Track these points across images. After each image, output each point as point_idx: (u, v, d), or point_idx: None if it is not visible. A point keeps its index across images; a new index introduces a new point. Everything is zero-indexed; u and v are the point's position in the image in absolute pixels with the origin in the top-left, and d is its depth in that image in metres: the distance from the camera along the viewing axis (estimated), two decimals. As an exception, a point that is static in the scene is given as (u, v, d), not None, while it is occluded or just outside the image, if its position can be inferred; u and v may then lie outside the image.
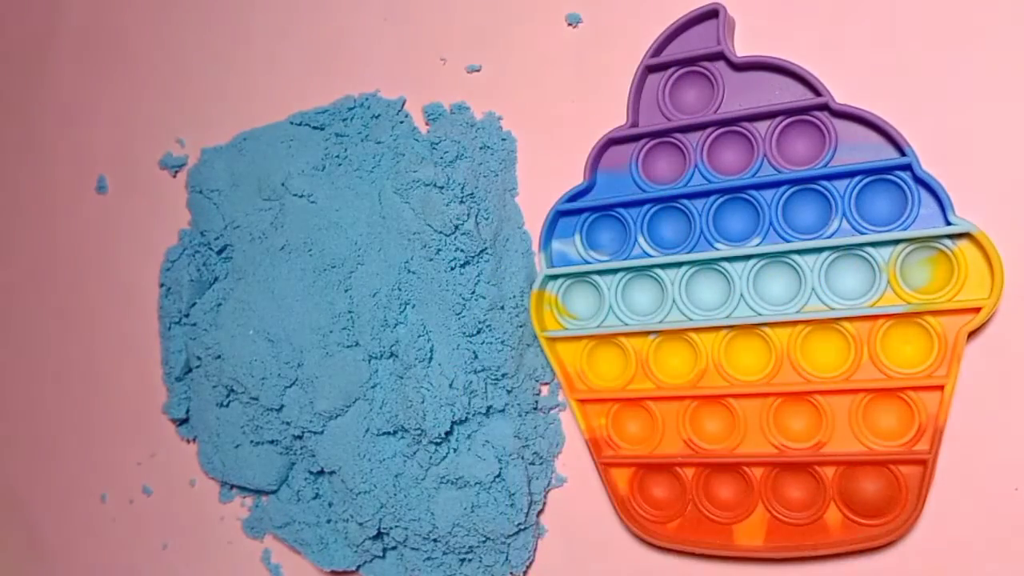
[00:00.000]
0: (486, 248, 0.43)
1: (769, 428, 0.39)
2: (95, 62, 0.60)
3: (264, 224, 0.49)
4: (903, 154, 0.37)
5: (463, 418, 0.43)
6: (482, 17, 0.47)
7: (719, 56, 0.40)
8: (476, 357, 0.43)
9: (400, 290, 0.44)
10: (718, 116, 0.40)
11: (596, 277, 0.42)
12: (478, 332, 0.43)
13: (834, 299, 0.38)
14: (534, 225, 0.45)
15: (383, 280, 0.44)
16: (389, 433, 0.45)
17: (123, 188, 0.58)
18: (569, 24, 0.45)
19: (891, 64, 0.39)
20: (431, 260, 0.43)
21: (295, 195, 0.47)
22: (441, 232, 0.43)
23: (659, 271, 0.41)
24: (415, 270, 0.44)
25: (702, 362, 0.41)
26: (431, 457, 0.44)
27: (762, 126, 0.39)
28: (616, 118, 0.42)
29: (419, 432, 0.43)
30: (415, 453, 0.44)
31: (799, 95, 0.39)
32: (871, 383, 0.38)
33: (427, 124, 0.47)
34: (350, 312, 0.45)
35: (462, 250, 0.43)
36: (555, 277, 0.43)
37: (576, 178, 0.43)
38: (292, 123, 0.50)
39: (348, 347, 0.45)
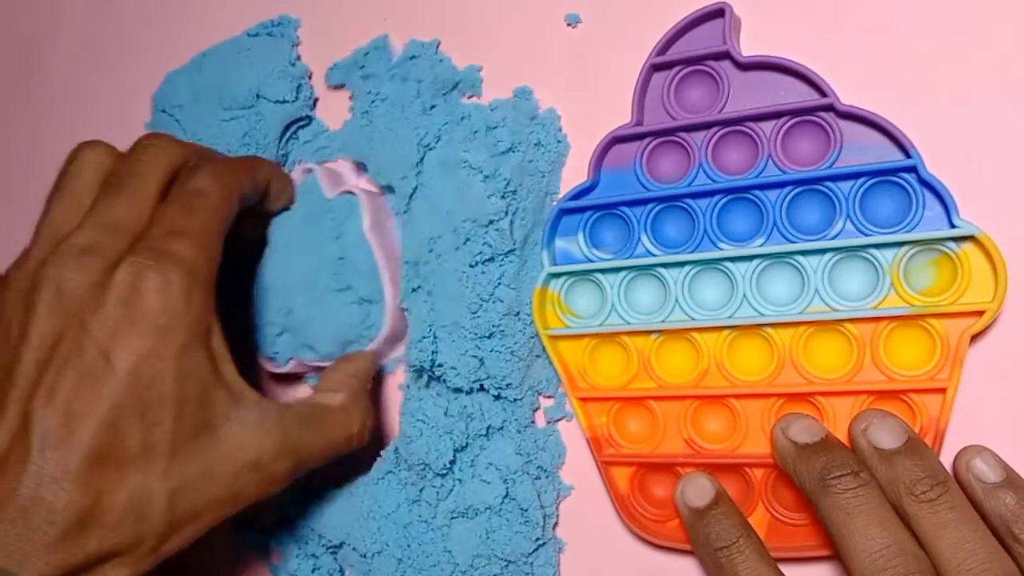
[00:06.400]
0: (514, 249, 0.43)
1: (771, 429, 0.39)
2: (95, 62, 0.60)
3: (233, 137, 0.49)
4: (908, 156, 0.37)
5: (464, 444, 0.43)
6: (483, 16, 0.47)
7: (725, 55, 0.39)
8: (482, 364, 0.43)
9: (417, 267, 0.43)
10: (723, 116, 0.40)
11: (599, 275, 0.42)
12: (489, 336, 0.43)
13: (837, 300, 0.38)
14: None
15: (408, 251, 0.44)
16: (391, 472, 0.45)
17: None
18: (568, 24, 0.44)
19: (897, 66, 0.38)
20: (457, 249, 0.42)
21: (275, 101, 0.48)
22: (475, 222, 0.42)
23: (662, 270, 0.41)
24: (440, 252, 0.43)
25: (704, 362, 0.41)
26: (438, 492, 0.43)
27: (767, 126, 0.39)
28: (620, 117, 0.42)
29: (423, 467, 0.43)
30: (421, 491, 0.44)
31: (805, 95, 0.38)
32: (873, 385, 0.38)
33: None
34: (341, 258, 0.45)
35: (490, 245, 0.42)
36: (557, 275, 0.43)
37: (580, 176, 0.43)
38: (249, 35, 0.51)
39: (339, 291, 0.45)
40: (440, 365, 0.43)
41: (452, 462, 0.43)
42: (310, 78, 0.50)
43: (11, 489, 0.32)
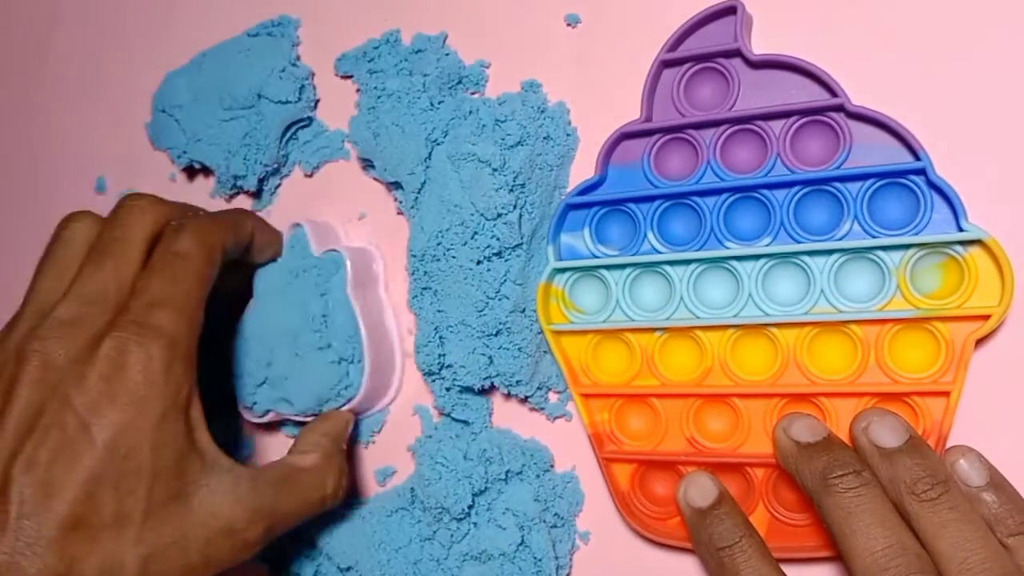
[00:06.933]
0: (521, 243, 0.42)
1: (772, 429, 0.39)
2: (95, 62, 0.59)
3: (233, 137, 0.49)
4: (917, 158, 0.37)
5: (482, 488, 0.43)
6: (487, 13, 0.47)
7: (736, 53, 0.39)
8: (492, 362, 0.43)
9: (424, 262, 0.43)
10: (733, 114, 0.40)
11: (604, 272, 0.42)
12: (496, 334, 0.42)
13: (843, 302, 0.38)
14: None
15: (415, 243, 0.44)
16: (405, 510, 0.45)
17: (122, 189, 0.57)
18: (568, 24, 0.45)
19: (908, 68, 0.38)
20: (465, 243, 0.42)
21: (277, 101, 0.48)
22: (483, 215, 0.42)
23: (667, 268, 0.41)
24: (448, 246, 0.42)
25: (708, 360, 0.40)
26: (452, 535, 0.43)
27: (776, 125, 0.39)
28: (629, 113, 0.42)
29: (440, 510, 0.43)
30: (435, 532, 0.44)
31: (815, 95, 0.38)
32: (877, 387, 0.38)
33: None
34: (324, 316, 0.46)
35: (498, 238, 0.42)
36: (562, 271, 0.43)
37: (587, 171, 0.43)
38: (249, 35, 0.51)
39: (320, 349, 0.45)
40: (449, 366, 0.43)
41: (470, 506, 0.43)
42: (312, 78, 0.50)
43: None
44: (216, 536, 0.37)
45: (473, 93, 0.46)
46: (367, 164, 0.48)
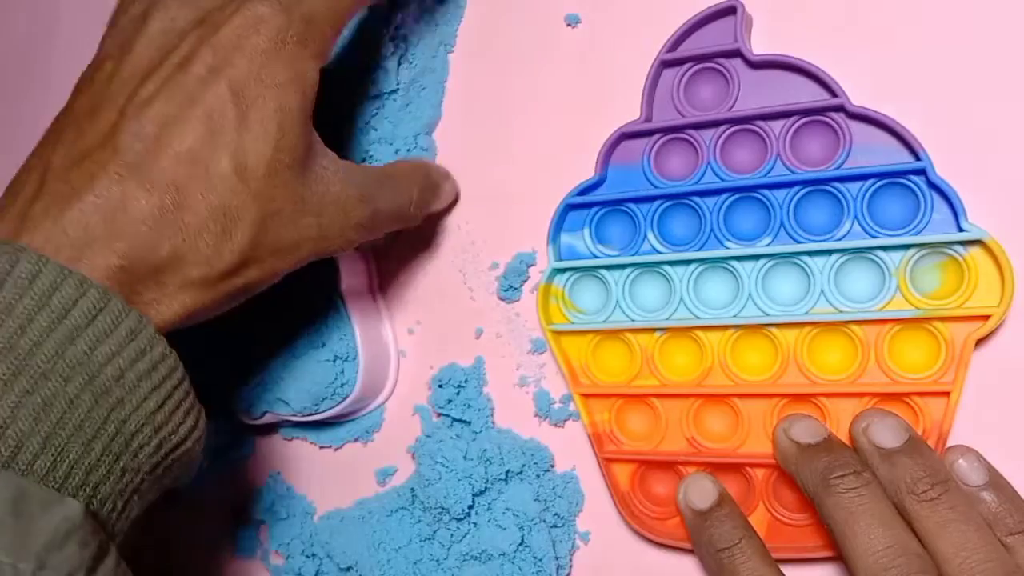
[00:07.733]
0: (397, 89, 0.45)
1: (773, 429, 0.39)
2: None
3: None
4: (918, 158, 0.37)
5: (482, 488, 0.43)
6: (487, 12, 0.47)
7: (736, 53, 0.39)
8: None
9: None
10: (732, 114, 0.40)
11: (604, 272, 0.42)
12: (362, 161, 0.45)
13: (843, 302, 0.38)
14: (543, 219, 0.44)
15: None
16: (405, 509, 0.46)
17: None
18: (568, 24, 0.45)
19: (908, 67, 0.38)
20: (344, 85, 0.45)
21: None
22: (362, 64, 0.45)
23: (668, 268, 0.41)
24: (328, 89, 0.44)
25: (708, 361, 0.40)
26: (452, 534, 0.43)
27: (776, 125, 0.39)
28: (629, 113, 0.42)
29: (440, 511, 0.43)
30: (436, 531, 0.44)
31: (815, 95, 0.38)
32: (877, 387, 0.38)
33: None
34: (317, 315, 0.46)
35: (375, 83, 0.45)
36: (562, 271, 0.43)
37: (587, 171, 0.43)
38: None
39: (314, 348, 0.45)
40: None
41: (470, 506, 0.43)
42: None
43: (93, 175, 0.32)
44: (331, 208, 0.36)
45: None
46: None
